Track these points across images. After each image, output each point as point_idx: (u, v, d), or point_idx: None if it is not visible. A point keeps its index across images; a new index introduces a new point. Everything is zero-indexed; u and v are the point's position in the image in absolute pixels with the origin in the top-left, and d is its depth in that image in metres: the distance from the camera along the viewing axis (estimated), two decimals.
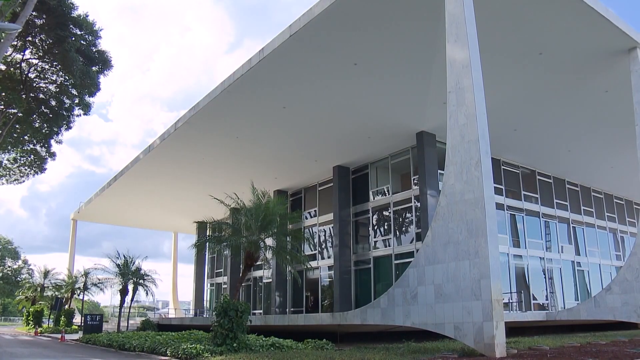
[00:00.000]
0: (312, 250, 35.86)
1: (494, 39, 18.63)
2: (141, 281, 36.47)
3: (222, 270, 46.88)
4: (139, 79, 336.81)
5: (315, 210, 36.70)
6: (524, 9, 17.70)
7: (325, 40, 19.26)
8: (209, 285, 49.61)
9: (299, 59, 20.64)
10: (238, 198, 20.47)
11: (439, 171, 26.92)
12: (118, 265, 35.77)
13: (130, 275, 35.81)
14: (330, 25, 18.28)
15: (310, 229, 36.83)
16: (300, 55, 20.34)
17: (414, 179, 29.31)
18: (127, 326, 38.85)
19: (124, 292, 35.96)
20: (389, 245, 30.54)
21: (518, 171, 34.00)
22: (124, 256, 36.26)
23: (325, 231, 35.77)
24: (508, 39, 19.46)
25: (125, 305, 38.35)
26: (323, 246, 35.85)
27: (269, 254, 21.26)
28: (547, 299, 34.09)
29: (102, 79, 24.60)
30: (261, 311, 39.98)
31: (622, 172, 35.67)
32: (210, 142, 29.32)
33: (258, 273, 40.59)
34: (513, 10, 17.72)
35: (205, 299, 49.47)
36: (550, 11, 17.99)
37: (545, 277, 34.35)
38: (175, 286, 59.32)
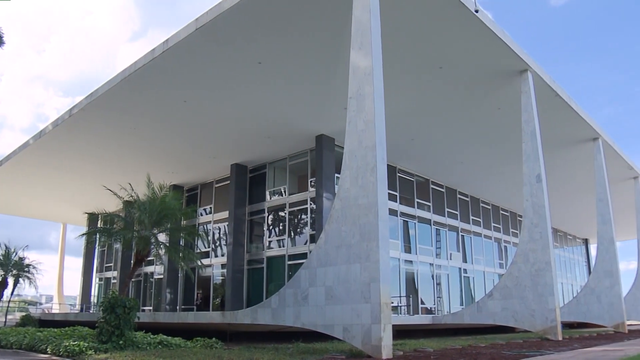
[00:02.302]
0: (205, 248, 35.41)
1: (397, 49, 19.12)
2: (23, 273, 34.53)
3: (112, 264, 45.29)
4: (33, 59, 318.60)
5: (210, 207, 36.23)
6: (428, 23, 18.34)
7: (232, 36, 19.05)
8: (97, 279, 47.74)
9: (203, 53, 20.30)
10: (132, 190, 19.86)
11: (336, 175, 27.28)
12: None
13: (11, 266, 33.82)
14: (238, 22, 18.09)
15: (205, 226, 36.32)
16: (205, 50, 20.00)
17: (311, 181, 29.56)
18: (5, 322, 36.77)
19: (3, 285, 33.92)
20: (283, 246, 30.64)
21: (413, 179, 35.09)
22: (5, 246, 34.22)
23: (220, 229, 35.38)
24: (411, 51, 20.06)
25: (4, 299, 36.22)
26: (217, 244, 35.44)
27: (161, 250, 20.78)
28: (434, 304, 35.41)
29: None
30: (151, 308, 38.98)
31: (509, 186, 37.66)
32: (107, 132, 28.22)
33: (150, 268, 39.56)
34: (418, 23, 18.31)
35: (92, 294, 47.60)
36: (451, 28, 18.75)
37: (433, 283, 35.67)
38: (60, 280, 56.53)
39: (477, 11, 17.71)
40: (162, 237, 21.05)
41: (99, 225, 32.59)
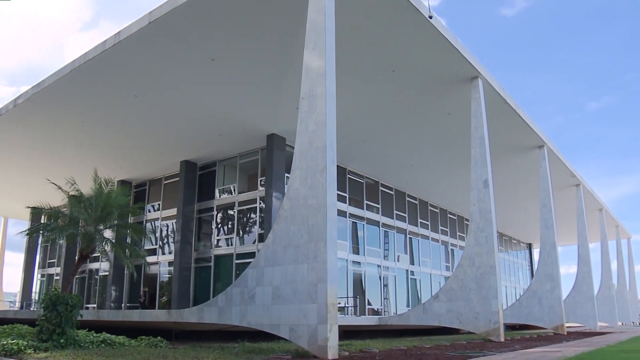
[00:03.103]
0: (152, 245, 34.88)
1: (351, 51, 19.26)
2: None
3: (55, 260, 44.15)
4: None
5: (159, 204, 35.70)
6: (382, 27, 18.50)
7: (185, 32, 18.83)
8: (39, 276, 46.41)
9: (156, 48, 19.98)
10: (75, 183, 19.36)
11: (286, 174, 27.22)
12: None
13: None
14: (192, 17, 17.90)
15: (153, 223, 35.79)
16: (157, 44, 19.69)
17: (260, 180, 29.46)
18: None
19: None
20: (231, 245, 30.44)
21: (362, 181, 35.35)
22: None
23: (167, 226, 34.90)
24: (365, 54, 20.21)
25: None
26: (164, 241, 34.96)
27: (106, 246, 20.37)
28: (381, 305, 35.74)
29: None
30: (95, 305, 38.17)
31: (457, 190, 38.40)
32: (53, 124, 27.46)
33: (95, 265, 38.75)
34: (372, 26, 18.45)
35: (34, 290, 46.26)
36: (405, 33, 18.98)
37: (381, 284, 36.01)
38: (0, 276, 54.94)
39: (430, 17, 17.97)
40: (109, 234, 20.61)
41: (42, 220, 31.60)
